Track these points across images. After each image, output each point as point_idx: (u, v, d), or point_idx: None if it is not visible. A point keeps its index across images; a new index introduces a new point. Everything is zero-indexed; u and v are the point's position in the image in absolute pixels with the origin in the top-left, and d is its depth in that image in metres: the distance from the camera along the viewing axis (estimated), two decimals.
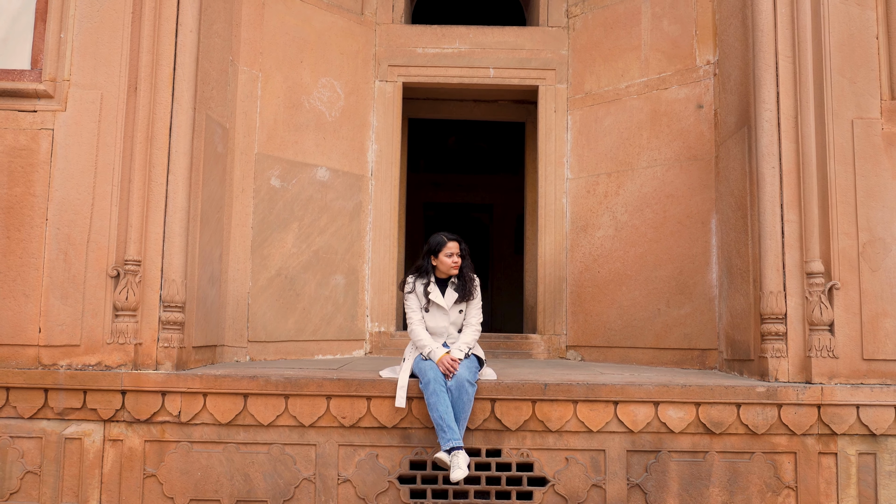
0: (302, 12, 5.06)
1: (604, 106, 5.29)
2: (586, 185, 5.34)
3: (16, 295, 3.63)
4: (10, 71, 3.79)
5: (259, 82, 4.77)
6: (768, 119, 3.82)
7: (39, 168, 3.68)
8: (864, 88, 3.76)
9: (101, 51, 3.75)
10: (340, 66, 5.30)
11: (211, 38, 4.15)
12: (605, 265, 5.18)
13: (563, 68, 5.55)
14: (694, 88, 4.82)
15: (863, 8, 3.81)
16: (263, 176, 4.76)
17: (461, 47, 5.59)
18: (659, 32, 5.05)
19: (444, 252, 3.69)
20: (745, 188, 4.10)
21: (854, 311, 3.64)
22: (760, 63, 3.88)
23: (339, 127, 5.26)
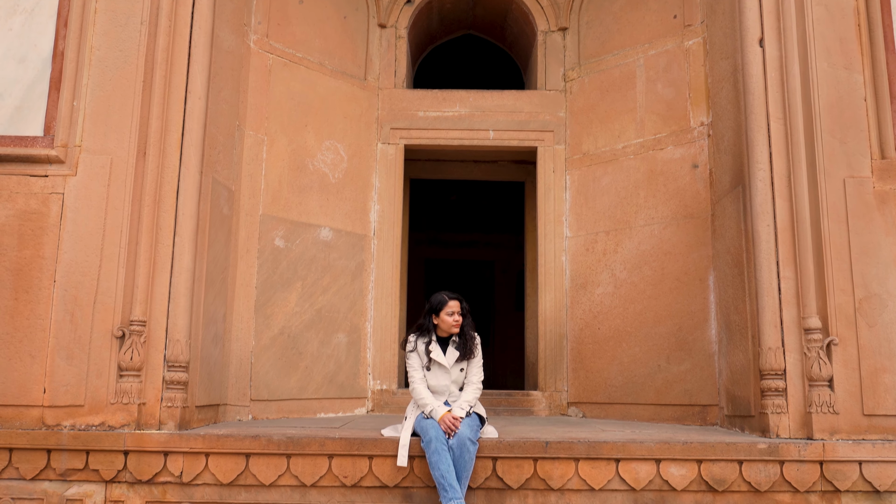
0: (307, 78, 5.23)
1: (601, 166, 5.41)
2: (585, 243, 5.42)
3: (21, 356, 3.67)
4: (24, 137, 3.90)
5: (264, 146, 4.89)
6: (762, 178, 3.91)
7: (49, 231, 3.77)
8: (855, 148, 3.86)
9: (112, 117, 3.88)
10: (344, 130, 5.44)
11: (219, 105, 4.28)
12: (605, 322, 5.22)
13: (561, 130, 5.69)
14: (689, 149, 4.94)
15: (850, 72, 3.94)
16: (268, 236, 4.84)
17: (461, 110, 5.74)
18: (653, 95, 5.20)
19: (445, 311, 3.73)
20: (741, 246, 4.17)
21: (853, 366, 3.66)
22: (753, 125, 3.99)
23: (343, 188, 5.37)
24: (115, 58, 3.94)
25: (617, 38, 5.50)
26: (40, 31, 4.03)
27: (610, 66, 5.50)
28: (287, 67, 5.10)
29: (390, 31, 5.81)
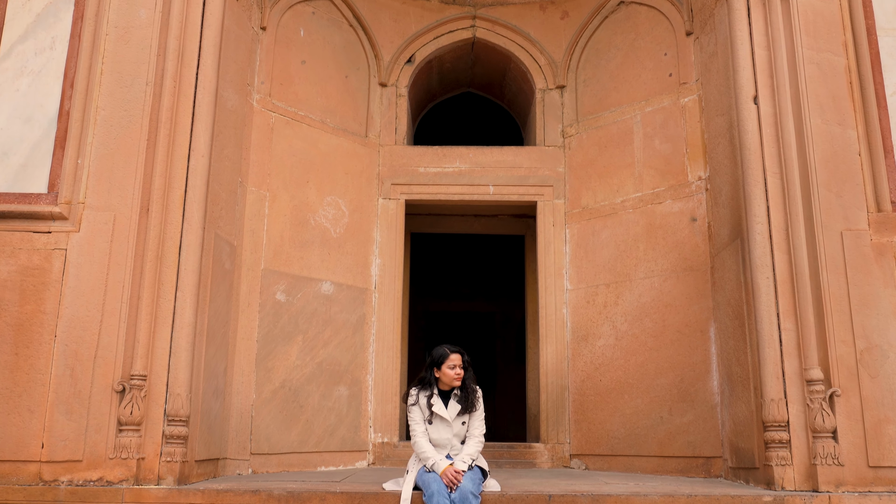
0: (309, 136, 5.32)
1: (600, 220, 5.46)
2: (586, 295, 5.43)
3: (20, 411, 3.65)
4: (28, 195, 3.95)
5: (267, 201, 4.95)
6: (760, 232, 3.95)
7: (51, 286, 3.79)
8: (851, 202, 3.91)
9: (115, 175, 3.93)
10: (345, 185, 5.51)
11: (222, 162, 4.35)
12: (606, 374, 5.19)
13: (560, 184, 5.76)
14: (687, 203, 5.00)
15: (843, 127, 4.02)
16: (269, 291, 4.86)
17: (461, 166, 5.82)
18: (651, 150, 5.28)
19: (446, 364, 3.72)
20: (741, 298, 4.18)
21: (856, 417, 3.63)
22: (749, 179, 4.05)
23: (344, 242, 5.41)
24: (120, 117, 4.01)
25: (614, 96, 5.62)
26: (47, 92, 4.12)
27: (608, 123, 5.60)
28: (289, 125, 5.19)
29: (391, 89, 5.94)
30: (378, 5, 5.91)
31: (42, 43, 4.18)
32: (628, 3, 5.64)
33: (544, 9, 6.02)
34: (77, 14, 4.21)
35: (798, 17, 4.15)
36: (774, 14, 4.20)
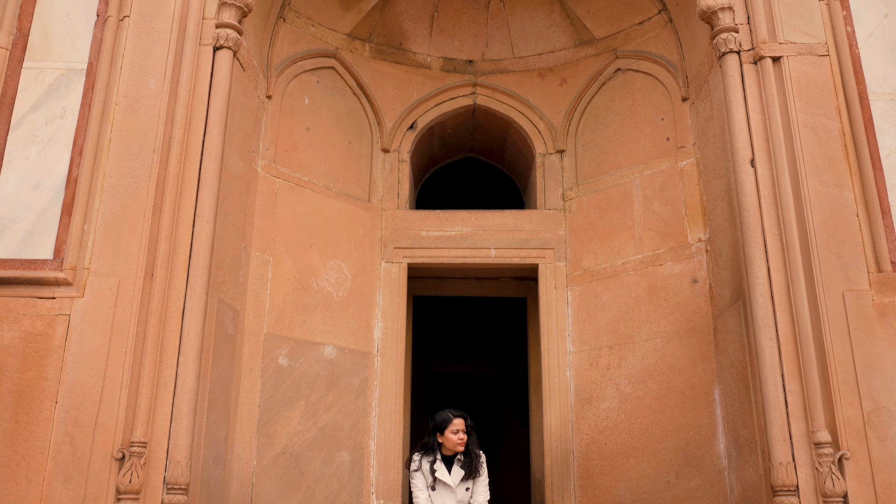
0: (312, 201, 5.38)
1: (602, 282, 5.47)
2: (588, 357, 5.40)
3: (18, 479, 3.60)
4: (34, 261, 3.98)
5: (270, 266, 4.98)
6: (761, 293, 3.96)
7: (53, 353, 3.78)
8: (851, 262, 3.93)
9: (121, 240, 3.97)
10: (348, 250, 5.54)
11: (226, 227, 4.40)
12: (611, 437, 5.12)
13: (561, 247, 5.80)
14: (688, 264, 5.02)
15: (840, 189, 4.07)
16: (272, 355, 4.84)
17: (463, 230, 5.87)
18: (651, 213, 5.33)
19: (449, 429, 3.69)
20: (744, 359, 4.16)
21: (867, 481, 3.57)
22: (749, 240, 4.08)
23: (347, 306, 5.42)
24: (127, 184, 4.08)
25: (613, 160, 5.70)
26: (56, 160, 4.19)
27: (607, 186, 5.67)
28: (293, 191, 5.27)
29: (393, 155, 6.04)
30: (381, 74, 6.06)
31: (53, 112, 4.28)
32: (625, 70, 5.79)
33: (543, 76, 6.17)
34: (88, 85, 4.32)
35: (791, 82, 4.25)
36: (767, 80, 4.30)
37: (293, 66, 5.50)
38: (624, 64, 5.79)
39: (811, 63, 4.30)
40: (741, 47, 4.41)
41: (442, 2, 6.13)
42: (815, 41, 4.35)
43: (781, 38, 4.35)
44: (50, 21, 4.45)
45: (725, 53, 4.44)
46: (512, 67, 6.24)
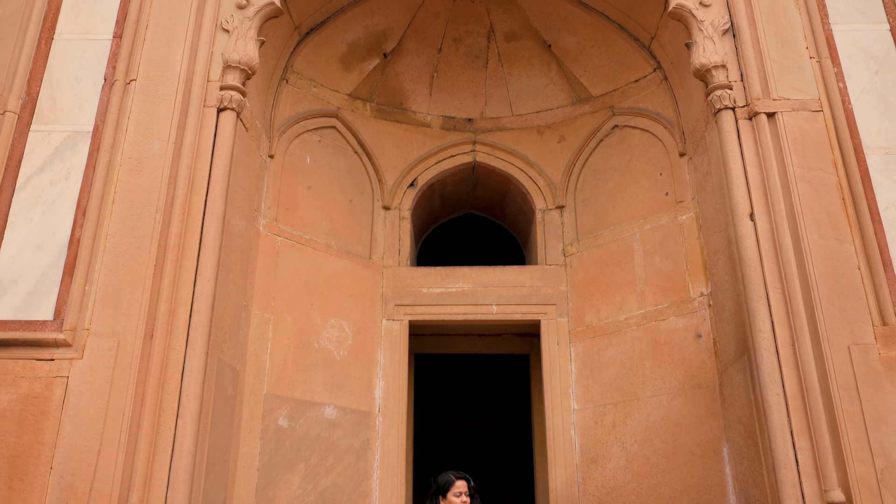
0: (313, 259, 5.39)
1: (605, 337, 5.44)
2: (593, 415, 5.33)
3: None
4: (34, 322, 3.96)
5: (271, 325, 4.95)
6: (766, 347, 3.92)
7: (50, 416, 3.73)
8: (855, 315, 3.90)
9: (121, 301, 3.96)
10: (349, 307, 5.52)
11: (227, 286, 4.39)
12: (619, 498, 5.01)
13: (563, 303, 5.77)
14: (691, 319, 4.99)
15: (841, 242, 4.07)
16: (271, 416, 4.78)
17: (465, 286, 5.86)
18: (652, 267, 5.33)
19: (452, 492, 3.62)
20: (752, 416, 4.10)
21: None
22: (752, 295, 4.06)
23: (347, 365, 5.37)
24: (129, 244, 4.09)
25: (613, 215, 5.73)
26: (59, 221, 4.21)
27: (608, 241, 5.68)
28: (295, 249, 5.28)
29: (394, 212, 6.07)
30: (381, 133, 6.14)
31: (58, 174, 4.31)
32: (622, 126, 5.87)
33: (542, 133, 6.25)
34: (93, 146, 4.37)
35: (786, 137, 4.30)
36: (763, 135, 4.35)
37: (295, 126, 5.58)
38: (621, 121, 5.87)
39: (805, 118, 4.36)
40: (736, 103, 4.48)
41: (441, 62, 6.25)
42: (809, 97, 4.42)
43: (775, 95, 4.41)
44: (59, 85, 4.53)
45: (721, 110, 4.50)
46: (511, 125, 6.33)
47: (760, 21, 4.61)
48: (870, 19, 4.69)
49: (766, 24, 4.60)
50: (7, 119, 4.38)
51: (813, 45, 4.57)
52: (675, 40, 5.17)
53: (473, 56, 6.29)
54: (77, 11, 4.75)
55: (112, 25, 4.69)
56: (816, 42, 4.57)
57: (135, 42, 4.57)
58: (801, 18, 4.64)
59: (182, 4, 4.66)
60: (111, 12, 4.73)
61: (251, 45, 4.61)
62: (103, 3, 4.76)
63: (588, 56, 5.95)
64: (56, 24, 4.71)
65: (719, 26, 4.66)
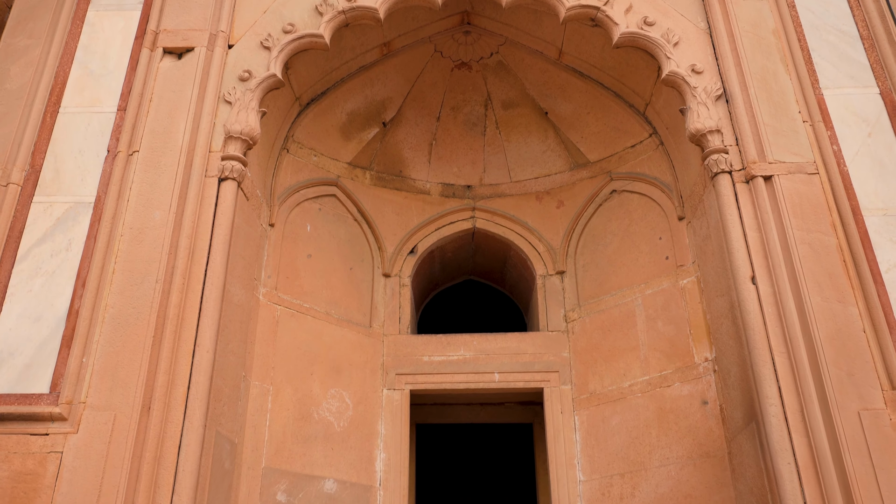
0: (313, 328, 5.35)
1: (609, 405, 5.34)
2: (600, 486, 5.19)
3: None
4: (29, 395, 3.90)
5: (270, 396, 4.88)
6: (774, 414, 3.85)
7: (42, 493, 3.62)
8: (864, 380, 3.84)
9: (119, 373, 3.90)
10: (349, 377, 5.45)
11: (226, 357, 4.34)
12: None
13: (566, 370, 5.70)
14: (696, 385, 4.92)
15: (844, 305, 4.04)
16: (269, 491, 4.65)
17: (466, 354, 5.80)
18: (655, 333, 5.28)
19: None
20: (763, 486, 3.99)
21: None
22: (757, 360, 4.01)
23: (348, 437, 5.26)
24: (128, 314, 4.05)
25: (613, 280, 5.72)
26: (58, 292, 4.19)
27: (609, 307, 5.65)
28: (294, 318, 5.24)
29: (394, 279, 6.06)
30: (381, 200, 6.18)
31: (59, 245, 4.32)
32: (620, 191, 5.91)
33: (540, 199, 6.29)
34: (95, 217, 4.39)
35: (784, 200, 4.32)
36: (761, 198, 4.37)
37: (296, 195, 5.62)
38: (619, 185, 5.91)
39: (802, 181, 4.39)
40: (732, 167, 4.52)
41: (440, 130, 6.34)
42: (804, 160, 4.46)
43: (771, 158, 4.46)
44: (62, 157, 4.58)
45: (717, 174, 4.54)
46: (509, 191, 6.38)
47: (752, 86, 4.69)
48: (859, 83, 4.77)
49: (757, 89, 4.69)
50: (10, 191, 4.41)
51: (805, 110, 4.64)
52: (669, 106, 5.26)
53: (471, 124, 6.38)
54: (83, 86, 4.84)
55: (117, 98, 4.77)
56: (808, 106, 4.65)
57: (139, 114, 4.64)
58: (793, 83, 4.73)
59: (186, 77, 4.75)
60: (116, 85, 4.82)
61: (253, 116, 4.68)
62: (109, 77, 4.86)
63: (584, 122, 6.04)
64: (62, 97, 4.79)
65: (712, 92, 4.74)
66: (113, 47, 4.96)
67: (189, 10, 5.02)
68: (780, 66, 4.79)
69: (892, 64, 4.74)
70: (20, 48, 4.88)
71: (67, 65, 4.90)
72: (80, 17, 5.07)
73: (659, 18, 5.04)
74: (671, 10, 5.10)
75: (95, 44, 4.99)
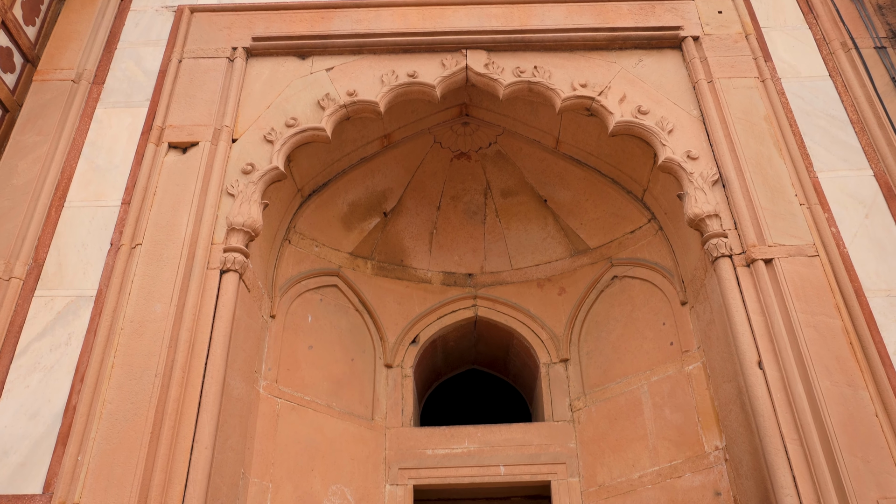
0: (314, 421, 5.24)
1: (619, 498, 5.17)
2: None
3: None
4: (21, 496, 3.79)
5: (269, 493, 4.73)
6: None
7: None
8: (880, 467, 3.73)
9: (115, 472, 3.79)
10: (351, 472, 5.30)
11: (225, 453, 4.23)
12: None
13: (573, 461, 5.55)
14: (708, 475, 4.78)
15: (854, 388, 3.97)
16: None
17: (470, 446, 5.65)
18: (662, 421, 5.17)
19: None
20: None
21: None
22: (769, 448, 3.90)
23: None
24: (126, 410, 3.98)
25: (618, 367, 5.64)
26: (56, 388, 4.13)
27: (615, 394, 5.55)
28: (295, 411, 5.14)
29: (396, 370, 5.98)
30: (382, 290, 6.17)
31: (58, 339, 4.29)
32: (621, 277, 5.91)
33: (542, 286, 6.29)
34: (96, 311, 4.37)
35: (786, 283, 4.31)
36: (763, 282, 4.36)
37: (297, 286, 5.61)
38: (620, 271, 5.92)
39: (803, 264, 4.39)
40: (732, 251, 4.53)
41: (440, 219, 6.41)
42: (804, 242, 4.48)
43: (770, 241, 4.47)
44: (66, 251, 4.61)
45: (718, 258, 4.55)
46: (511, 279, 6.38)
47: (748, 171, 4.76)
48: (853, 166, 4.85)
49: (753, 173, 4.75)
50: (12, 285, 4.41)
51: (801, 193, 4.69)
52: (666, 192, 5.32)
53: (471, 212, 6.45)
54: (88, 180, 4.92)
55: (121, 192, 4.84)
56: (804, 189, 4.70)
57: (142, 207, 4.69)
58: (787, 167, 4.80)
59: (190, 171, 4.83)
60: (121, 180, 4.90)
61: (255, 208, 4.73)
62: (114, 172, 4.94)
63: (583, 209, 6.11)
64: (68, 191, 4.86)
65: (708, 177, 4.81)
66: (119, 142, 5.07)
67: (195, 106, 5.15)
68: (774, 151, 4.87)
69: (883, 147, 4.83)
70: (29, 144, 4.99)
71: (74, 160, 4.99)
72: (89, 114, 5.21)
73: (652, 107, 5.17)
74: (664, 98, 5.24)
75: (102, 139, 5.10)
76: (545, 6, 5.65)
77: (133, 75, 5.40)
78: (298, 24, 5.60)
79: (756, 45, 5.41)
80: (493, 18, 5.59)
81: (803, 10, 5.65)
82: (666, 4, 5.66)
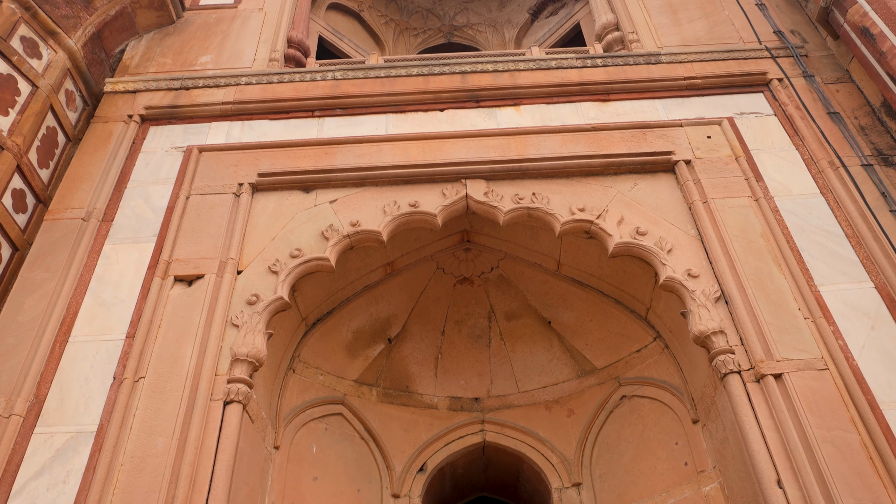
0: None
1: None
2: None
3: None
4: None
5: None
6: None
7: None
8: None
9: None
10: None
11: None
12: None
13: None
14: None
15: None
16: None
17: None
18: None
19: None
20: None
21: None
22: None
23: None
24: None
25: (633, 490, 5.45)
26: None
27: None
28: None
29: (404, 500, 5.78)
30: (388, 417, 6.07)
31: (56, 477, 4.17)
32: (630, 396, 5.82)
33: (550, 409, 6.18)
34: (96, 447, 4.28)
35: (798, 398, 4.24)
36: (774, 397, 4.29)
37: (302, 415, 5.53)
38: (628, 391, 5.84)
39: (813, 378, 4.35)
40: (741, 367, 4.49)
41: (445, 344, 6.39)
42: (812, 356, 4.45)
43: (778, 356, 4.44)
44: (68, 386, 4.56)
45: (727, 374, 4.50)
46: (518, 402, 6.29)
47: (749, 287, 4.79)
48: (853, 279, 4.88)
49: (754, 289, 4.78)
50: (12, 423, 4.34)
51: (805, 307, 4.70)
52: (670, 310, 5.34)
53: (476, 336, 6.45)
54: (93, 315, 4.93)
55: (126, 326, 4.84)
56: (807, 303, 4.71)
57: (147, 340, 4.68)
58: (788, 282, 4.83)
59: (195, 303, 4.87)
60: (126, 314, 4.91)
61: (259, 338, 4.74)
62: (120, 306, 4.96)
63: (588, 330, 6.10)
64: (73, 326, 4.86)
65: (711, 294, 4.83)
66: (126, 277, 5.12)
67: (201, 240, 5.26)
68: (774, 267, 4.93)
69: (881, 259, 4.88)
70: (36, 281, 5.04)
71: (81, 295, 5.03)
72: (97, 251, 5.29)
73: (650, 228, 5.27)
74: (661, 220, 5.35)
75: (109, 274, 5.15)
76: (541, 136, 5.89)
77: (141, 212, 5.53)
78: (303, 159, 5.81)
79: (747, 167, 5.58)
80: (491, 150, 5.80)
81: (789, 132, 5.86)
82: (657, 132, 5.89)
